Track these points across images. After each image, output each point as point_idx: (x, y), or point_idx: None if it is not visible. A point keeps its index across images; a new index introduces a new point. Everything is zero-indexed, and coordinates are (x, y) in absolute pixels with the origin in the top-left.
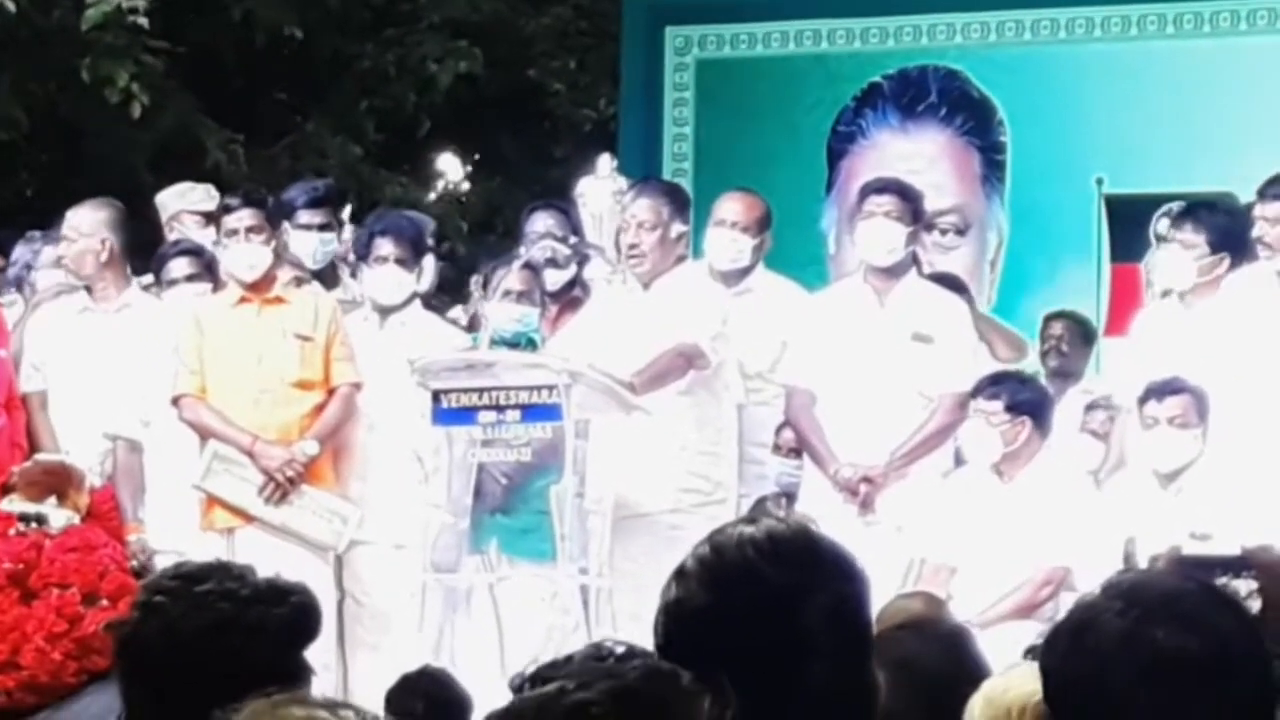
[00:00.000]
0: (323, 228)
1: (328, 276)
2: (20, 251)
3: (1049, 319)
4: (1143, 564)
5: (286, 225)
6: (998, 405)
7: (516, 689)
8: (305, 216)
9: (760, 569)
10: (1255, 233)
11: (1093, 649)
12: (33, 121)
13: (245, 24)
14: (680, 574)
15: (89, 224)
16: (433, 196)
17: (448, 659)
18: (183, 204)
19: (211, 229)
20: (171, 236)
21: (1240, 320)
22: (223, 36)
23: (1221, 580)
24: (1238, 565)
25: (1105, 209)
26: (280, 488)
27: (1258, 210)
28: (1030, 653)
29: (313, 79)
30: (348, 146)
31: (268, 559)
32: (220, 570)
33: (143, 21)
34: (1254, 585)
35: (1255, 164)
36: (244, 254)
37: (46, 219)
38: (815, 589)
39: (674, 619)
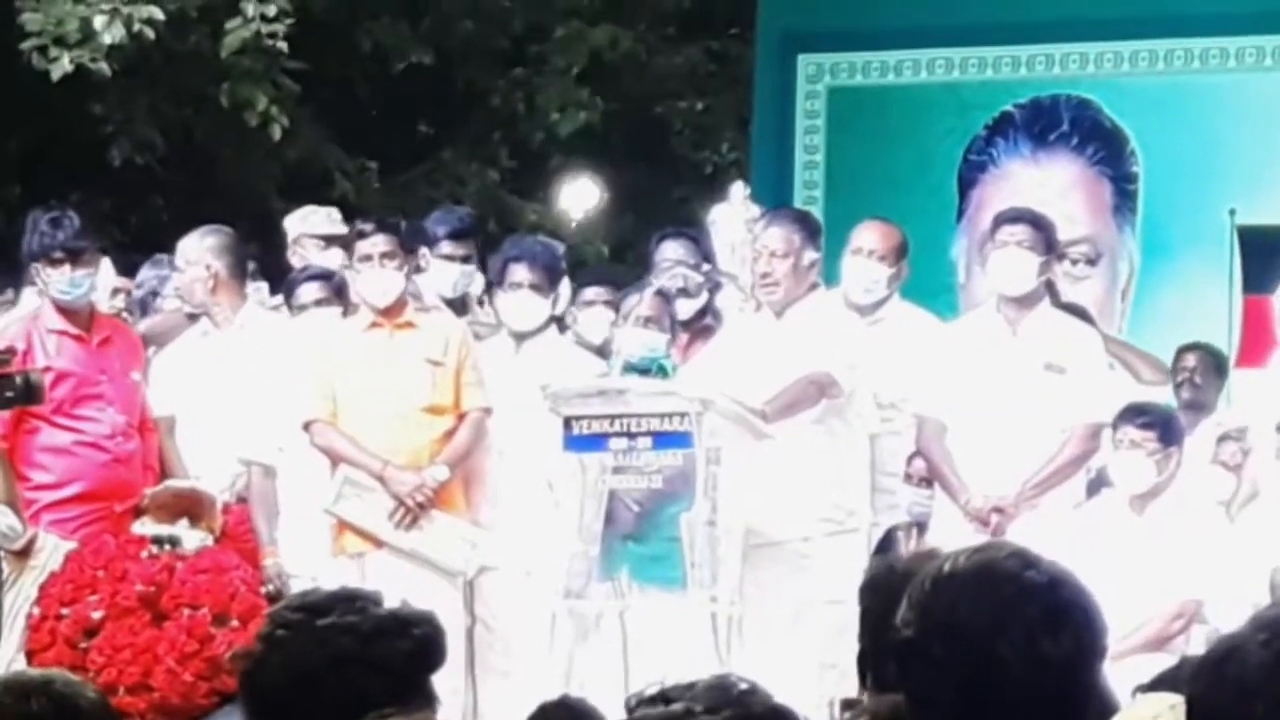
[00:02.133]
0: (464, 259)
1: (457, 305)
2: (146, 275)
3: (1182, 351)
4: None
5: (425, 252)
6: (1152, 435)
7: (632, 708)
8: (448, 247)
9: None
10: None
11: (1235, 679)
12: (169, 146)
13: (376, 54)
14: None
15: (195, 252)
16: (572, 224)
17: (578, 686)
18: (304, 227)
19: (331, 252)
20: (294, 260)
21: None
22: (355, 64)
23: None
24: None
25: (1238, 240)
26: (410, 513)
27: None
28: (1140, 688)
29: (446, 108)
30: (484, 173)
31: (399, 584)
32: (344, 601)
33: (281, 45)
34: None
35: None
36: (377, 279)
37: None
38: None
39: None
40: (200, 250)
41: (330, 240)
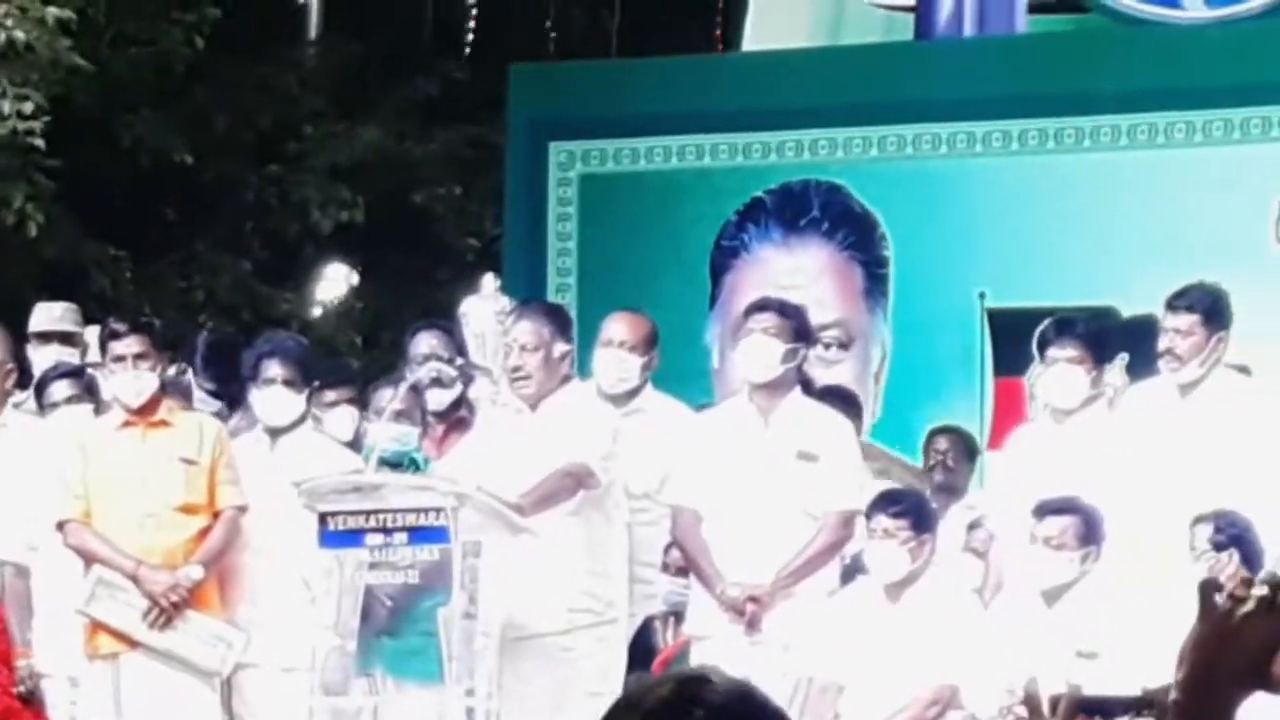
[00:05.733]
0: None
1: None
2: None
3: (933, 433)
4: (1036, 688)
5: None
6: (905, 523)
7: None
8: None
9: None
10: (1163, 344)
11: None
12: None
13: (133, 150)
14: None
15: None
16: (318, 312)
17: None
18: (46, 324)
19: (69, 347)
20: (33, 356)
21: (1134, 435)
22: (110, 159)
23: None
24: (1139, 705)
25: (988, 323)
26: (164, 613)
27: (1167, 322)
28: None
29: (199, 200)
30: (237, 263)
31: (154, 684)
32: None
33: (38, 142)
34: None
35: (1136, 277)
36: (131, 381)
37: None
38: None
39: None
40: None
41: (65, 338)
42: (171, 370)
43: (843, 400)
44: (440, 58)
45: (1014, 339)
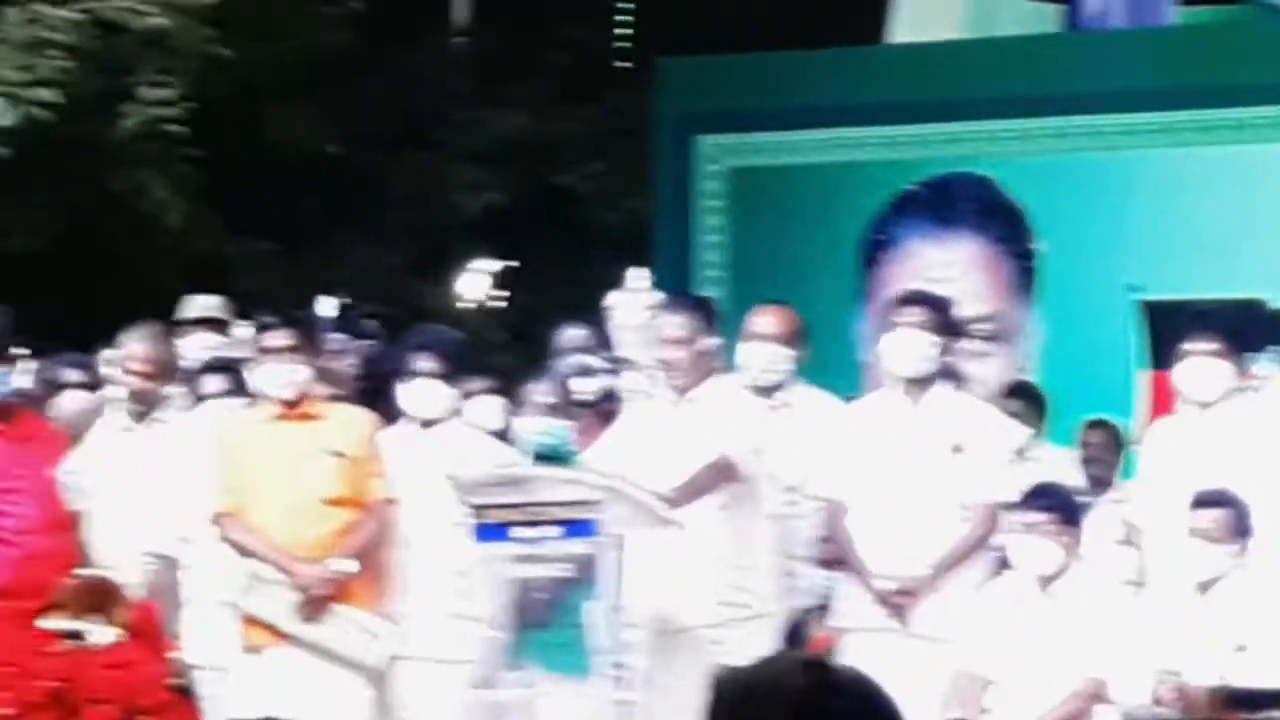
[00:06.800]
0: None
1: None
2: (47, 367)
3: (1087, 426)
4: (1186, 678)
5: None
6: (1053, 517)
7: None
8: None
9: None
10: None
11: None
12: (65, 233)
13: (279, 142)
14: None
15: (147, 350)
16: (465, 307)
17: None
18: (196, 312)
19: (220, 336)
20: (182, 344)
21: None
22: (254, 152)
23: (1273, 714)
24: None
25: (1141, 315)
26: (315, 606)
27: None
28: None
29: (345, 193)
30: (385, 257)
31: (305, 677)
32: None
33: (176, 129)
34: None
35: None
36: (281, 374)
37: (77, 332)
38: None
39: None
40: (149, 349)
41: (216, 325)
42: None
43: (1027, 396)
44: (582, 39)
45: (1165, 332)
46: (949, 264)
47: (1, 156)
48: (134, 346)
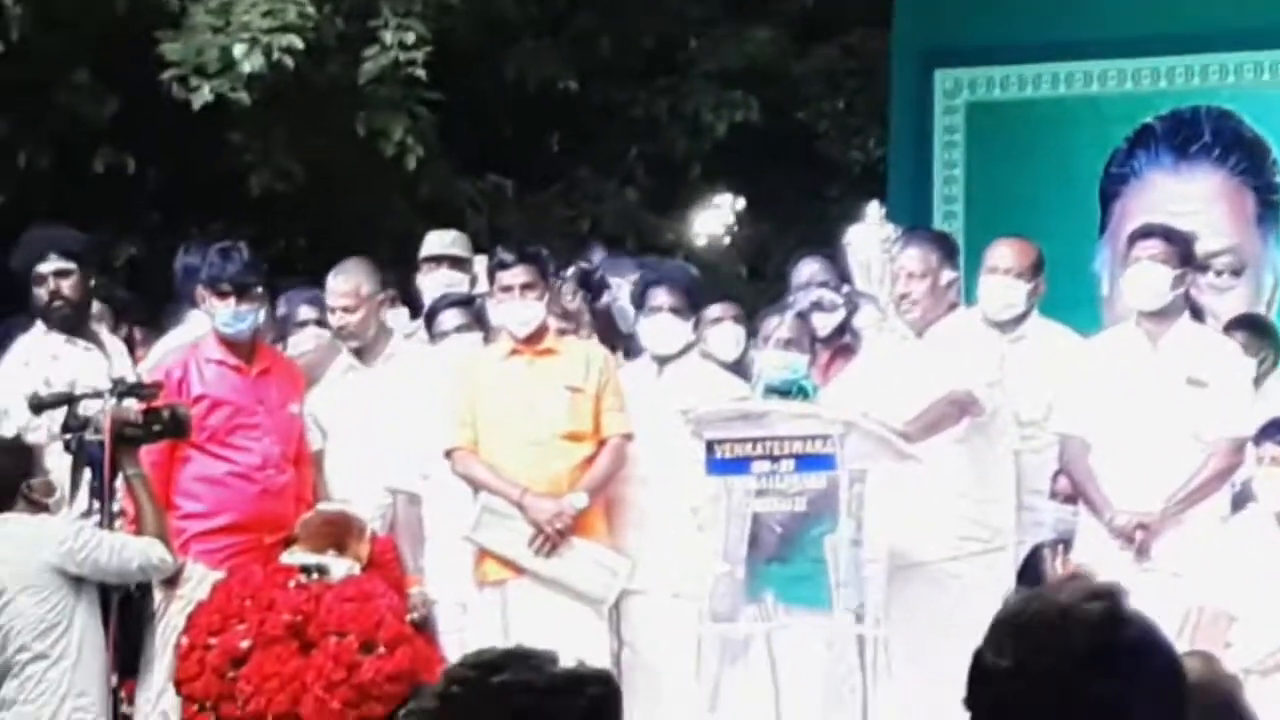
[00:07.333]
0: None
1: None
2: (285, 304)
3: None
4: None
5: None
6: None
7: None
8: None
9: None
10: None
11: None
12: (306, 175)
13: (518, 80)
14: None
15: (366, 288)
16: (703, 242)
17: (725, 708)
18: (436, 249)
19: (459, 273)
20: (422, 282)
21: None
22: (493, 88)
23: None
24: None
25: None
26: (550, 540)
27: None
28: None
29: (584, 128)
30: (622, 192)
31: (541, 611)
32: (518, 659)
33: (420, 73)
34: None
35: None
36: (517, 310)
37: (315, 272)
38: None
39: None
40: (370, 286)
41: (456, 262)
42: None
43: (1254, 328)
44: None
45: None
46: (1189, 197)
47: (243, 104)
48: (334, 282)
